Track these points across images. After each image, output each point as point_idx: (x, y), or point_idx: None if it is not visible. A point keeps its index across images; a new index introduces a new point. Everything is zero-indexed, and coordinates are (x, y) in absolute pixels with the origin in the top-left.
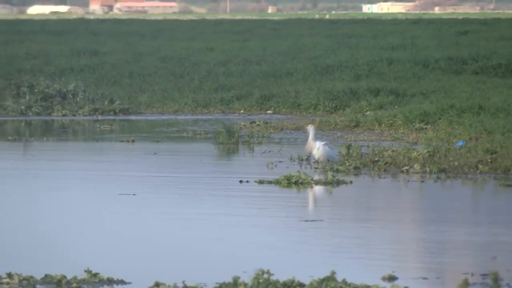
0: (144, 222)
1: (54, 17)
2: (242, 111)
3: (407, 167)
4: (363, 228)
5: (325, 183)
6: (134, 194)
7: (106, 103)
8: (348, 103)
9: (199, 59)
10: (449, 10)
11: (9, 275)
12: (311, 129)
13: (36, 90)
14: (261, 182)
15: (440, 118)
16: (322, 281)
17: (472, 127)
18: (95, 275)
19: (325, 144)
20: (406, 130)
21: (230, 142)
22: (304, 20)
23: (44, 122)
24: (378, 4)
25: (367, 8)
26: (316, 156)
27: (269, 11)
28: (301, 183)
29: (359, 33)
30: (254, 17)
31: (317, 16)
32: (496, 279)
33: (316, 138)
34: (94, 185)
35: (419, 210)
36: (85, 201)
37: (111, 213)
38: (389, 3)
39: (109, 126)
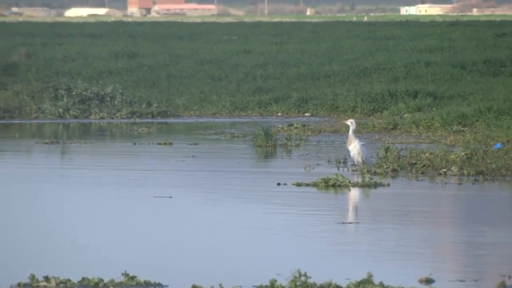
0: (181, 225)
1: (92, 19)
2: (280, 113)
3: (444, 170)
4: (401, 230)
5: (362, 185)
6: (170, 197)
7: (143, 105)
8: (386, 105)
9: (237, 61)
10: (487, 12)
11: (46, 279)
12: (352, 123)
13: (74, 93)
14: (298, 184)
15: (478, 120)
16: (359, 283)
17: (510, 129)
18: (132, 278)
19: (363, 145)
20: (444, 132)
21: (268, 145)
22: (342, 23)
23: (82, 125)
24: (416, 6)
25: (405, 10)
26: (352, 153)
27: (307, 13)
28: (339, 186)
29: (396, 35)
30: (292, 20)
31: (355, 18)
32: None
33: (357, 136)
34: (130, 188)
35: (456, 213)
36: (122, 203)
37: (148, 215)
38: (427, 5)
39: (146, 129)
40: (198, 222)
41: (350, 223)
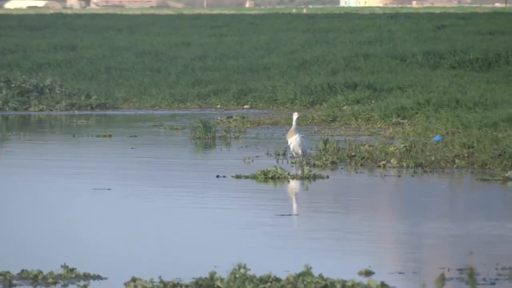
0: (119, 217)
1: (31, 11)
2: (219, 106)
3: (384, 162)
4: (340, 222)
5: (301, 177)
6: (109, 189)
7: (83, 98)
8: (325, 97)
9: (176, 53)
10: (427, 4)
11: None
12: (295, 116)
13: (13, 85)
14: (238, 177)
15: (417, 113)
16: (299, 276)
17: (449, 121)
18: (72, 270)
19: (302, 137)
20: (383, 124)
21: (207, 137)
22: (281, 15)
23: (21, 117)
24: None
25: (344, 2)
26: (292, 145)
27: (247, 5)
28: (278, 178)
29: (336, 28)
30: (231, 12)
31: (294, 10)
32: (471, 274)
33: (298, 129)
34: (69, 180)
35: (395, 205)
36: (61, 195)
37: (87, 208)
38: None
39: (86, 121)
40: (136, 214)
41: (289, 215)
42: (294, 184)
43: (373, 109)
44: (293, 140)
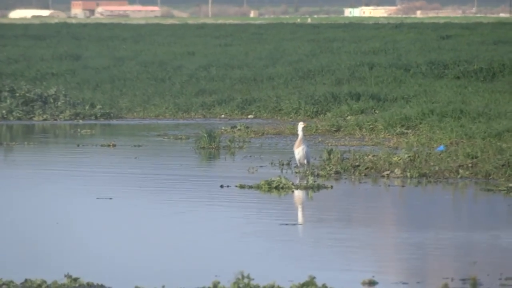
0: (123, 226)
1: (36, 21)
2: (223, 115)
3: (387, 172)
4: (344, 232)
5: (305, 187)
6: (110, 198)
7: (87, 107)
8: (329, 107)
9: (180, 63)
10: (431, 14)
11: None
12: (301, 126)
13: (17, 95)
14: (242, 186)
15: (421, 123)
16: (302, 285)
17: (453, 131)
18: (75, 279)
19: (308, 147)
20: (387, 134)
21: (211, 147)
22: (286, 25)
23: (25, 126)
24: (359, 8)
25: (348, 12)
26: (299, 155)
27: (251, 15)
28: (282, 188)
29: (340, 38)
30: (236, 21)
31: (298, 20)
32: (475, 284)
33: (304, 139)
34: (72, 189)
35: (399, 215)
36: (64, 205)
37: (90, 217)
38: (370, 7)
39: (90, 130)
40: (139, 223)
41: (293, 224)
42: (298, 194)
43: (377, 119)
44: (300, 151)
